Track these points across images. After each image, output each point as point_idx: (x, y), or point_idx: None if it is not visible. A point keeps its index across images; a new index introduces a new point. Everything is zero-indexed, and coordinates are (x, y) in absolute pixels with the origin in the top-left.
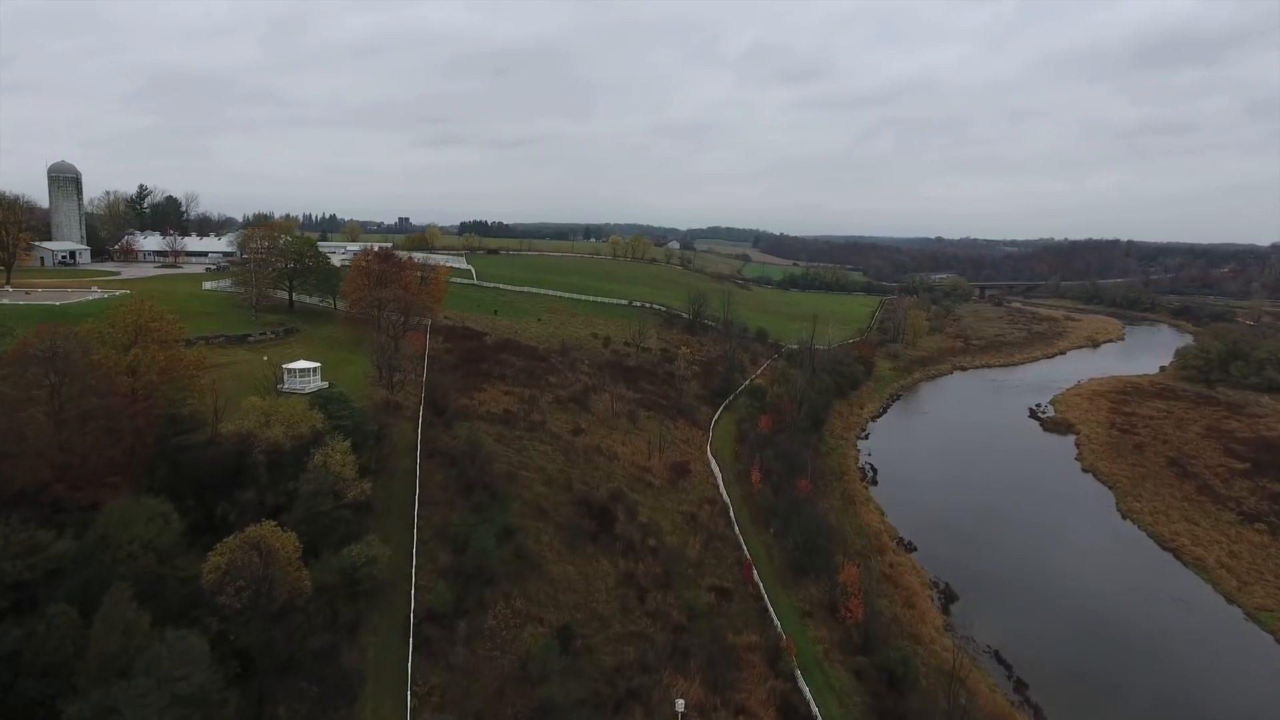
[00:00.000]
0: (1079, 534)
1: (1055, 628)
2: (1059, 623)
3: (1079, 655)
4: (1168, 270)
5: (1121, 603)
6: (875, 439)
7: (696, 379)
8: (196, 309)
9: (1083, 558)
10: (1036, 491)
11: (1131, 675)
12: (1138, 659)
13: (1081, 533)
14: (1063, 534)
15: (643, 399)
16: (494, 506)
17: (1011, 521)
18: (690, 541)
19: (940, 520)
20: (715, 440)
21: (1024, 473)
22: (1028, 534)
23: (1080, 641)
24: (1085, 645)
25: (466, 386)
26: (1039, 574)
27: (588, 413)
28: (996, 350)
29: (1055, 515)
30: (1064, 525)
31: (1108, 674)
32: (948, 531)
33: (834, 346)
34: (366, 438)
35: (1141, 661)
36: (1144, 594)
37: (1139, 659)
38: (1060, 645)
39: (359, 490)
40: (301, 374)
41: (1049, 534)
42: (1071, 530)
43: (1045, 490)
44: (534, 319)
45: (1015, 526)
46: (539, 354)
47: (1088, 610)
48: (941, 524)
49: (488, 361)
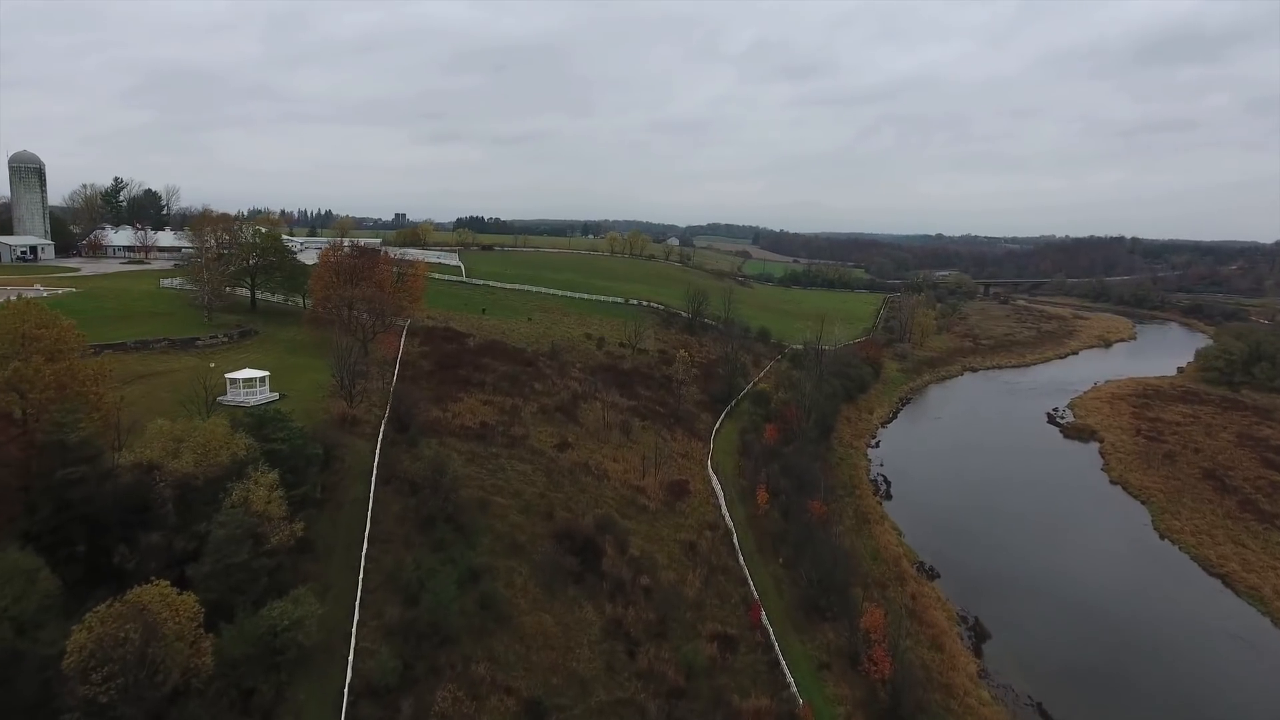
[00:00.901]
0: (1115, 557)
1: (1101, 668)
2: (1104, 663)
3: (1135, 705)
4: (1174, 268)
5: (1172, 639)
6: (886, 446)
7: (696, 383)
8: (145, 309)
9: (1122, 586)
10: (1063, 507)
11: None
12: (1209, 707)
13: (1119, 556)
14: (1097, 558)
15: (638, 407)
16: (459, 543)
17: (1039, 543)
18: (689, 577)
19: (962, 540)
20: (716, 453)
21: (1047, 485)
22: (1059, 557)
23: (1134, 689)
24: (1141, 693)
25: (440, 396)
26: (1076, 604)
27: (576, 424)
28: (1007, 350)
29: (1086, 535)
30: (1097, 547)
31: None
32: (971, 553)
33: (840, 346)
34: (310, 463)
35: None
36: (1196, 627)
37: (1211, 707)
38: (1109, 692)
39: (287, 534)
40: (247, 384)
41: (1082, 558)
42: (1106, 553)
43: (1072, 506)
44: (524, 318)
45: (1044, 549)
46: (526, 357)
47: (1134, 647)
48: (964, 544)
49: (467, 366)
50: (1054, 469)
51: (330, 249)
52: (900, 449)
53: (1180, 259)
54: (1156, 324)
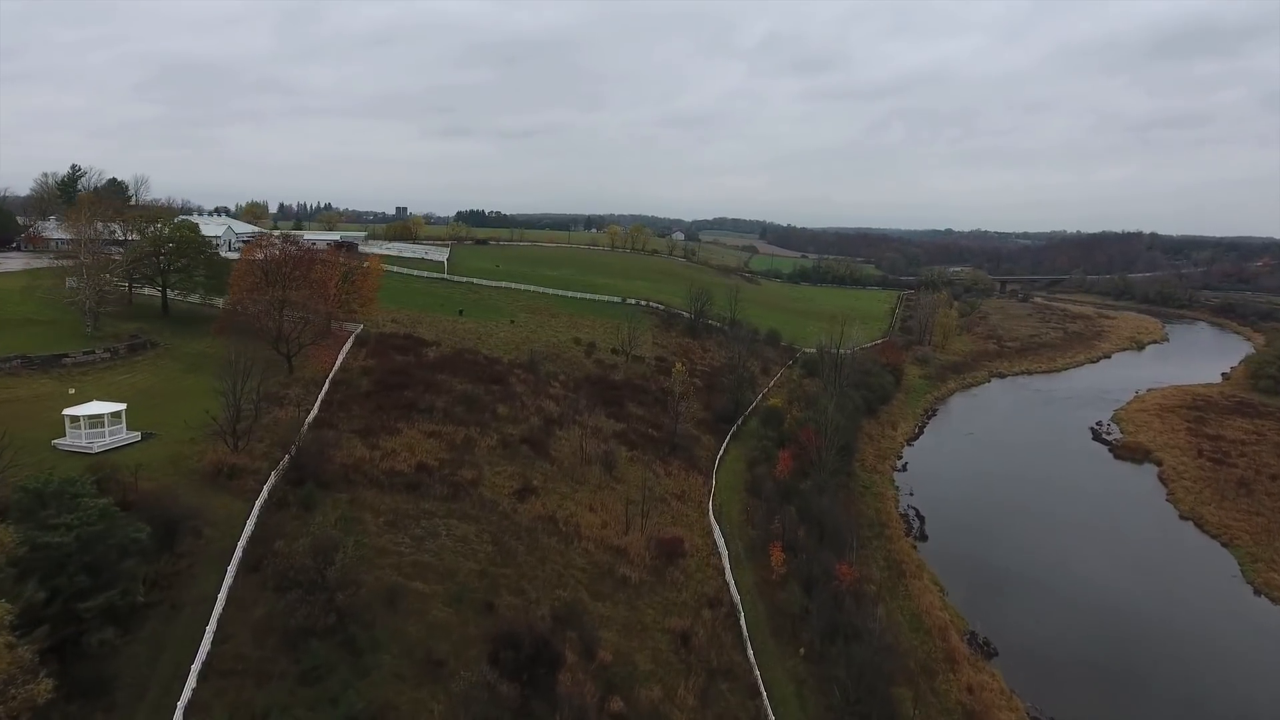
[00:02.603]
0: (1207, 625)
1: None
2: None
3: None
4: (1197, 264)
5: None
6: (915, 470)
7: (697, 395)
8: (22, 314)
9: (1238, 667)
10: (1129, 552)
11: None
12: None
13: (1212, 624)
14: (1186, 625)
15: (626, 431)
16: (344, 670)
17: (1110, 602)
18: (680, 690)
19: (1018, 600)
20: (720, 489)
21: (1107, 523)
22: (1139, 624)
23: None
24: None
25: (372, 428)
26: (1182, 700)
27: (546, 460)
28: (1035, 354)
29: (1165, 589)
30: (1183, 610)
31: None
32: (1032, 620)
33: (856, 349)
34: (124, 554)
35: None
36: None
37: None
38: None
39: (22, 699)
40: (93, 422)
41: (1167, 625)
42: (1195, 618)
43: (1140, 550)
44: (507, 320)
45: (1119, 612)
46: (495, 372)
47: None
48: (1021, 606)
49: (417, 386)
50: (1110, 500)
51: (254, 243)
52: (930, 473)
53: (1202, 255)
54: (1184, 323)
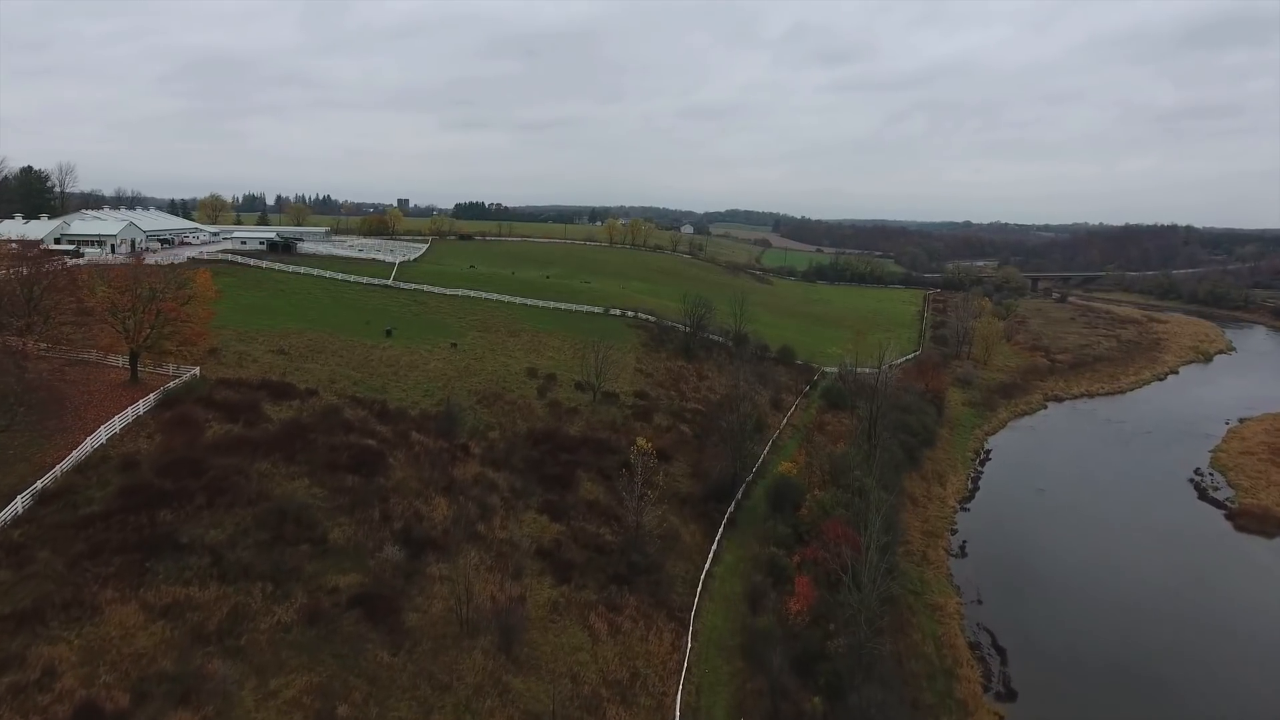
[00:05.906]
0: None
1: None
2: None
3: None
4: (1242, 260)
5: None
6: (975, 552)
7: (684, 451)
8: None
9: None
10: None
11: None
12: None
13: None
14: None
15: (563, 540)
16: None
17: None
18: None
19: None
20: (701, 658)
21: (1249, 651)
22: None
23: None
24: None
25: (46, 606)
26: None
27: (386, 642)
28: (1091, 369)
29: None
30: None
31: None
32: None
33: (887, 368)
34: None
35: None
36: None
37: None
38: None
39: None
40: None
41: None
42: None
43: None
44: (449, 342)
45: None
46: (374, 445)
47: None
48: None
49: (196, 497)
50: (1246, 600)
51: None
52: (997, 556)
53: (1247, 250)
54: (1240, 327)
